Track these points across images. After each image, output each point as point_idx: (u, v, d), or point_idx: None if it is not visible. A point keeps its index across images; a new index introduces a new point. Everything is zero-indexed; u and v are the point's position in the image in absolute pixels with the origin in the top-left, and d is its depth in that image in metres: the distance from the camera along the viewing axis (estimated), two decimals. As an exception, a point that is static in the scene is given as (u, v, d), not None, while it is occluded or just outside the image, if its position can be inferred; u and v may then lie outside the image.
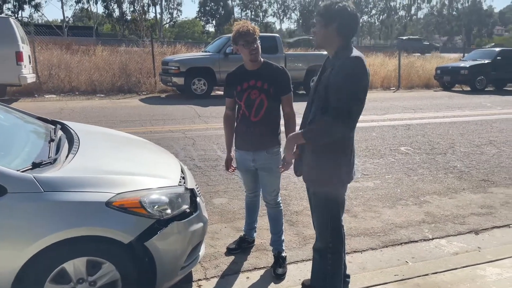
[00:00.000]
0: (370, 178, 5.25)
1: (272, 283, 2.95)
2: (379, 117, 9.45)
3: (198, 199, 2.75)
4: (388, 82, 17.24)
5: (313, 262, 2.58)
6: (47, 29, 22.52)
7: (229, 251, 3.36)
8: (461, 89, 16.81)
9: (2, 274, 2.09)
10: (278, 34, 14.98)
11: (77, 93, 12.98)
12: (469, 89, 16.32)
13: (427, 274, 2.96)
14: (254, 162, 3.02)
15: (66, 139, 2.93)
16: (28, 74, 11.02)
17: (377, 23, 77.13)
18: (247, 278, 3.02)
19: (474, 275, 2.95)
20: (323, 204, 2.41)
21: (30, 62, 11.75)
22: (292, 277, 3.02)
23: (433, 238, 3.69)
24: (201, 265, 3.15)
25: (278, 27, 77.24)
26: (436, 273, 2.98)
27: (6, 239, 2.07)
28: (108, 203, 2.25)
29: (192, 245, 2.58)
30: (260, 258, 3.29)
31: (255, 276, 3.05)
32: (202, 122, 8.58)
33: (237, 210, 4.17)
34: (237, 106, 3.04)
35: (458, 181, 5.21)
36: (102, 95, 12.86)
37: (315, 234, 2.61)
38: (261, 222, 3.65)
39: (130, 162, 2.90)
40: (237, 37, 2.86)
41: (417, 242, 3.63)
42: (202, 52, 14.10)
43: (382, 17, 74.92)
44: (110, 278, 2.31)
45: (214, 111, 9.67)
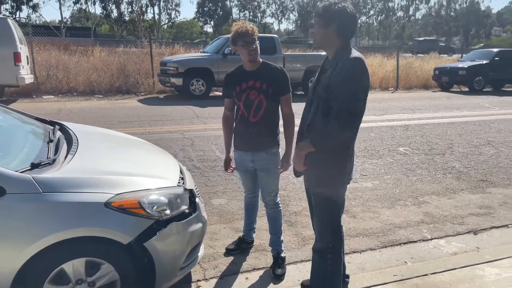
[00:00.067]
0: (369, 179, 5.25)
1: (271, 284, 2.95)
2: (378, 117, 9.46)
3: (197, 200, 2.75)
4: (386, 82, 17.28)
5: (312, 262, 2.58)
6: (45, 29, 22.47)
7: (228, 252, 3.35)
8: (459, 89, 16.84)
9: (1, 275, 2.09)
10: (276, 35, 14.98)
11: (75, 94, 12.96)
12: (467, 89, 16.36)
13: (426, 274, 2.97)
14: (253, 162, 3.02)
15: (65, 140, 2.93)
16: (26, 75, 11.00)
17: (375, 24, 77.28)
18: (246, 278, 3.02)
19: (473, 275, 2.95)
20: (324, 204, 2.41)
21: (28, 63, 11.73)
22: (291, 277, 3.02)
23: (432, 239, 3.69)
24: (200, 265, 3.15)
25: (276, 28, 77.35)
26: (435, 273, 2.98)
27: (5, 240, 2.07)
28: (107, 204, 2.24)
29: (191, 245, 2.58)
30: (259, 259, 3.29)
31: (254, 276, 3.05)
32: (201, 122, 8.58)
33: (236, 211, 4.17)
34: (236, 106, 3.04)
35: (457, 181, 5.22)
36: (100, 96, 12.85)
37: (315, 235, 2.61)
38: (260, 222, 3.65)
39: (129, 162, 2.89)
40: (236, 37, 2.86)
41: (416, 242, 3.63)
42: (200, 52, 14.10)
43: (380, 17, 75.06)
44: (109, 279, 2.31)
45: (212, 112, 9.67)
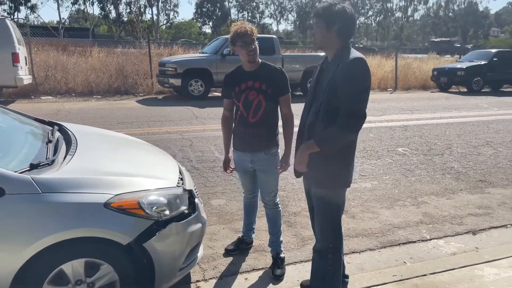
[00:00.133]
0: (368, 179, 5.26)
1: (270, 284, 2.94)
2: (376, 118, 9.46)
3: (196, 200, 2.75)
4: (385, 83, 17.30)
5: (312, 262, 2.58)
6: (43, 30, 22.45)
7: (227, 252, 3.35)
8: (457, 90, 16.87)
9: (0, 275, 2.08)
10: (275, 36, 14.99)
11: (73, 94, 12.95)
12: (465, 90, 16.38)
13: (425, 275, 2.97)
14: (252, 163, 3.02)
15: (64, 141, 2.92)
16: (24, 76, 10.97)
17: (373, 25, 77.39)
18: (246, 279, 3.02)
19: (472, 275, 2.96)
20: (326, 205, 2.41)
21: (26, 64, 11.71)
22: (290, 278, 3.02)
23: (431, 239, 3.70)
24: (199, 266, 3.14)
25: (275, 29, 77.40)
26: (434, 273, 2.99)
27: (4, 241, 2.06)
28: (106, 204, 2.24)
29: (190, 246, 2.57)
30: (258, 259, 3.29)
31: (254, 277, 3.05)
32: (200, 123, 8.57)
33: (235, 211, 4.16)
34: (235, 107, 3.04)
35: (456, 181, 5.23)
36: (98, 97, 12.83)
37: (315, 235, 2.61)
38: (259, 223, 3.65)
39: (128, 163, 2.89)
40: (235, 38, 2.86)
41: (415, 242, 3.63)
42: (199, 53, 14.10)
43: (378, 18, 75.18)
44: (109, 280, 2.30)
45: (211, 113, 9.66)
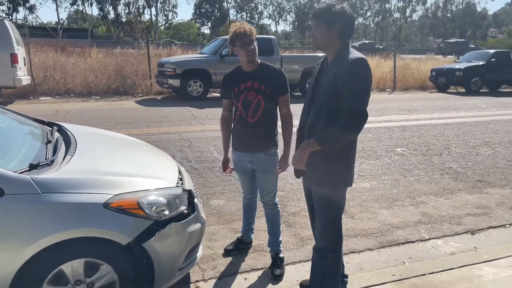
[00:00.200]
0: (366, 179, 5.26)
1: (270, 284, 2.95)
2: (375, 118, 9.47)
3: (195, 200, 2.75)
4: (383, 83, 17.32)
5: (312, 262, 2.58)
6: (42, 31, 22.47)
7: (226, 252, 3.35)
8: (456, 90, 16.91)
9: (0, 275, 2.08)
10: (273, 36, 15.00)
11: (72, 95, 12.94)
12: (463, 90, 16.41)
13: (424, 274, 2.98)
14: (251, 163, 3.02)
15: (63, 141, 2.93)
16: (23, 76, 10.97)
17: (372, 25, 77.47)
18: (245, 279, 3.02)
19: (471, 275, 2.96)
20: (327, 204, 2.42)
21: (25, 64, 11.71)
22: (290, 278, 3.03)
23: (429, 239, 3.71)
24: (199, 266, 3.15)
25: (273, 29, 77.45)
26: (433, 273, 2.99)
27: (3, 241, 2.06)
28: (105, 205, 2.24)
29: (190, 246, 2.58)
30: (257, 259, 3.29)
31: (253, 277, 3.05)
32: (198, 124, 8.57)
33: (234, 212, 4.17)
34: (234, 107, 3.05)
35: (454, 181, 5.24)
36: (97, 97, 12.82)
37: (314, 235, 2.62)
38: (258, 223, 3.65)
39: (128, 163, 2.89)
40: (234, 38, 2.87)
41: (414, 242, 3.64)
42: (198, 54, 14.10)
43: (377, 19, 75.24)
44: (108, 280, 2.30)
45: (210, 113, 9.67)
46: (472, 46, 41.29)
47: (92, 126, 4.70)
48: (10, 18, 48.70)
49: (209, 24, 69.49)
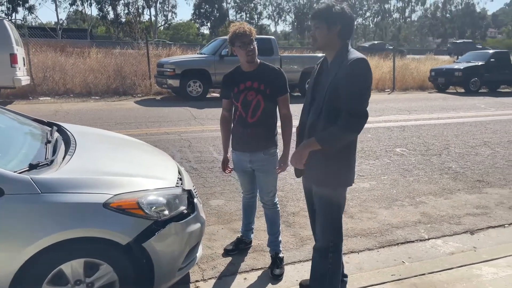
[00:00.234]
0: (366, 179, 5.27)
1: (269, 284, 2.95)
2: (374, 118, 9.47)
3: (195, 200, 2.75)
4: (383, 84, 17.33)
5: (312, 261, 2.58)
6: (41, 31, 22.49)
7: (226, 252, 3.35)
8: (455, 90, 16.92)
9: (-1, 276, 2.09)
10: (273, 36, 15.01)
11: (71, 95, 12.93)
12: (463, 90, 16.43)
13: (424, 274, 2.98)
14: (251, 163, 3.02)
15: (63, 141, 2.92)
16: (22, 77, 10.96)
17: (371, 26, 77.54)
18: (245, 279, 3.03)
19: (470, 275, 2.97)
20: (327, 204, 2.42)
21: (24, 65, 11.70)
22: (289, 277, 3.03)
23: (429, 238, 3.71)
24: (198, 266, 3.15)
25: (273, 30, 77.50)
26: (432, 272, 2.99)
27: (3, 241, 2.06)
28: (105, 204, 2.24)
29: (189, 246, 2.58)
30: (257, 259, 3.29)
31: (253, 277, 3.05)
32: (198, 124, 8.58)
33: (234, 212, 4.17)
34: (233, 107, 3.05)
35: (453, 181, 5.25)
36: (97, 97, 12.82)
37: (314, 235, 2.62)
38: (258, 223, 3.65)
39: (127, 163, 2.89)
40: (233, 38, 2.87)
41: (413, 242, 3.65)
42: (197, 54, 14.10)
43: (376, 19, 75.32)
44: (108, 280, 2.30)
45: (209, 113, 9.67)
46: (479, 46, 41.25)
47: (91, 126, 4.70)
48: (10, 18, 48.69)
49: (208, 24, 69.53)
